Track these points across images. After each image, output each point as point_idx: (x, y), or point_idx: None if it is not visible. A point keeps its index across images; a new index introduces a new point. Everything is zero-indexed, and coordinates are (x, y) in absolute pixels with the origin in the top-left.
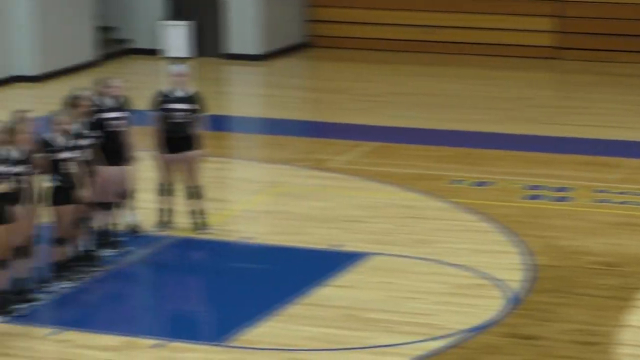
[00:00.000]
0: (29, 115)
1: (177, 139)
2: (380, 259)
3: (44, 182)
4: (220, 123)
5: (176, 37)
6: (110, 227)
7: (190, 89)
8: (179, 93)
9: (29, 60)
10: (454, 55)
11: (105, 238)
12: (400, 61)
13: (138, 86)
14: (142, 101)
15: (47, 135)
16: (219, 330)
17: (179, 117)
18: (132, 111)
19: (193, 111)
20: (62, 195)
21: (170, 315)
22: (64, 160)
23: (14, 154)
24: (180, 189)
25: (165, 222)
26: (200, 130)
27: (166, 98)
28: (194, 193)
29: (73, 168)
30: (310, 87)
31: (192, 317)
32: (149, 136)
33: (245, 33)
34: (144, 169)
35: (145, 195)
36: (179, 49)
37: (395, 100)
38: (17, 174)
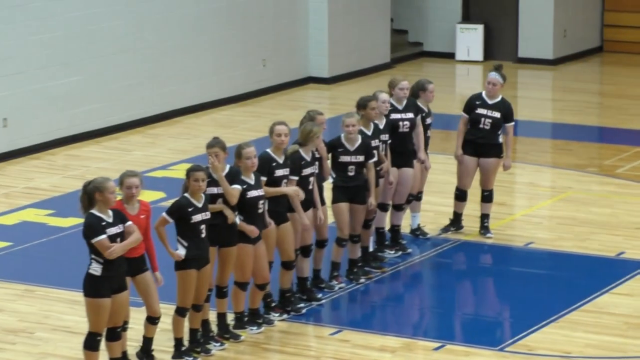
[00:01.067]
0: (322, 117)
1: (481, 144)
2: None
3: (330, 183)
4: None
5: (470, 40)
6: (396, 229)
7: (500, 96)
8: (490, 100)
9: (324, 61)
10: None
11: (390, 239)
12: None
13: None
14: (435, 104)
15: (337, 137)
16: (499, 335)
17: (486, 124)
18: (426, 114)
19: (500, 119)
20: (344, 195)
21: (450, 318)
22: (351, 162)
23: (305, 156)
24: (473, 194)
25: (453, 225)
26: (506, 139)
27: (478, 103)
28: (486, 197)
29: (359, 170)
30: (599, 92)
31: (472, 321)
32: (443, 139)
33: (538, 37)
34: (433, 171)
35: (431, 197)
36: (472, 53)
37: None
38: (307, 175)
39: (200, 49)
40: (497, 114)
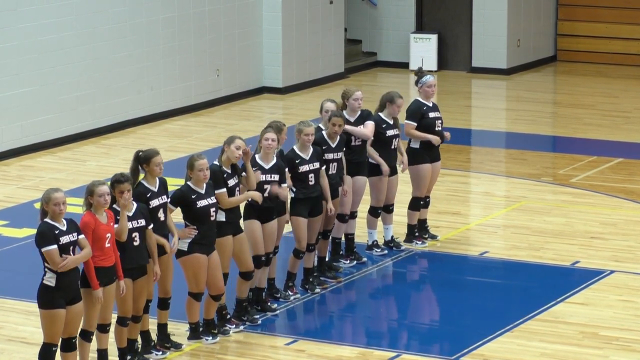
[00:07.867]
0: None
1: (435, 148)
2: (620, 277)
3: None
4: (462, 136)
5: (423, 50)
6: (349, 237)
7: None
8: (430, 102)
9: (278, 71)
10: None
11: (345, 248)
12: None
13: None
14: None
15: (290, 150)
16: (454, 345)
17: (438, 125)
18: (388, 125)
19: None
20: (304, 208)
21: (405, 328)
22: (310, 171)
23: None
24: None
25: (425, 233)
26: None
27: (425, 109)
28: (428, 202)
29: (317, 177)
30: (553, 101)
31: (428, 331)
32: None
33: (492, 47)
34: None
35: (402, 209)
36: (426, 62)
37: None
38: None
39: (154, 59)
40: (441, 114)
